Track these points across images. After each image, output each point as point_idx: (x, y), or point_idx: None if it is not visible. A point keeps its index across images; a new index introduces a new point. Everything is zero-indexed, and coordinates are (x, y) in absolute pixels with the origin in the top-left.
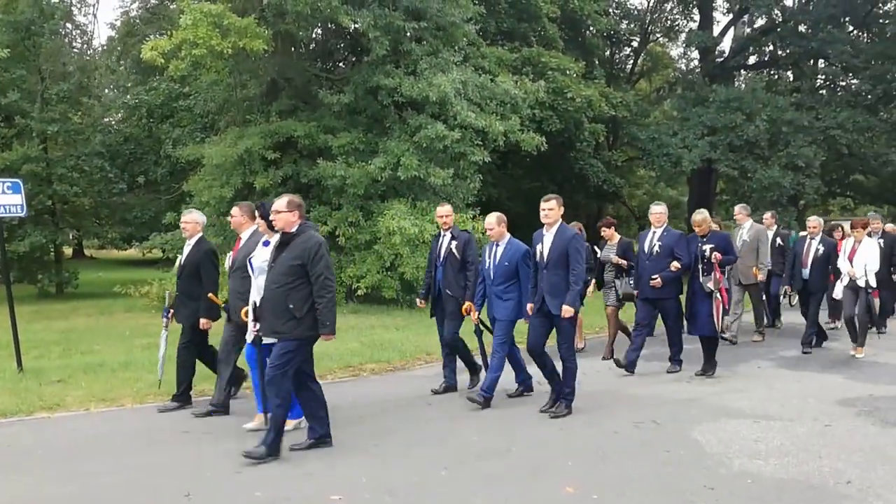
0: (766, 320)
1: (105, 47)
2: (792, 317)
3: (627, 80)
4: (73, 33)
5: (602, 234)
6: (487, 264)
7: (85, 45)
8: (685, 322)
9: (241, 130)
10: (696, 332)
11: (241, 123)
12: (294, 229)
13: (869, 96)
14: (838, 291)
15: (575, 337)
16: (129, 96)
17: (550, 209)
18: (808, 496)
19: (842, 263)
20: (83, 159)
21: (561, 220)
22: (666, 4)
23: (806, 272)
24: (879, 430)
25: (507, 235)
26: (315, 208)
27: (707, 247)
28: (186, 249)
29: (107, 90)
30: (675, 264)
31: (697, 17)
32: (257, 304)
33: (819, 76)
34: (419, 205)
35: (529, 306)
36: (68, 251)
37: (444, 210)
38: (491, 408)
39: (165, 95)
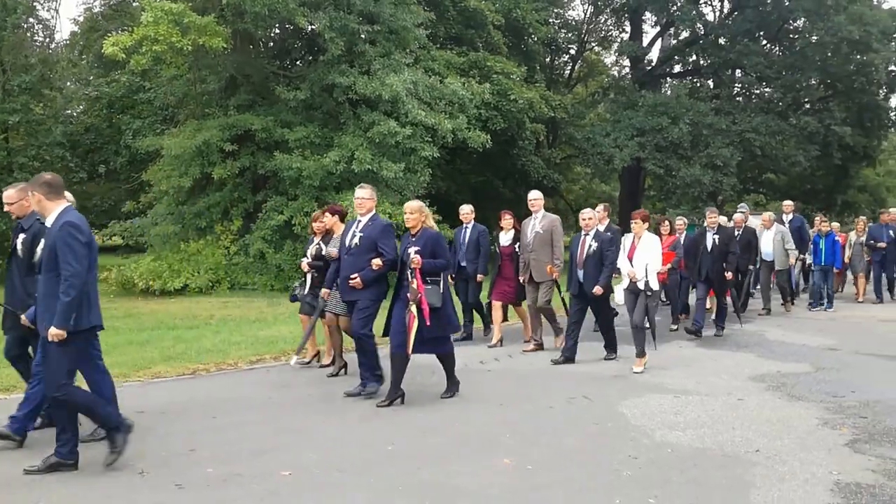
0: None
1: (67, 41)
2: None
3: (566, 84)
4: (36, 27)
5: (325, 226)
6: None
7: (47, 39)
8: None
9: (199, 123)
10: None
11: (199, 116)
12: None
13: (780, 103)
14: (619, 296)
15: (63, 367)
16: (90, 88)
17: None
18: (722, 463)
19: (621, 263)
20: (44, 149)
21: (64, 203)
22: (601, 16)
23: (581, 273)
24: (785, 404)
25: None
26: (272, 198)
27: (412, 248)
28: None
29: (69, 83)
30: (377, 262)
31: (629, 29)
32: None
33: (736, 84)
34: None
35: None
36: None
37: (7, 195)
38: (435, 388)
39: (126, 88)
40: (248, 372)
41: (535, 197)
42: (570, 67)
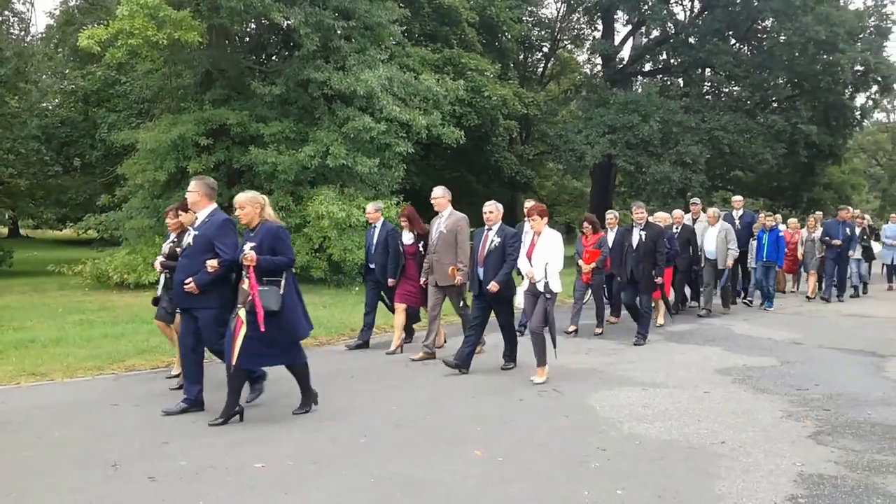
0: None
1: (43, 35)
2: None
3: (539, 81)
4: (12, 20)
5: (179, 222)
6: None
7: (23, 32)
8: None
9: (175, 117)
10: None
11: (175, 110)
12: None
13: (748, 102)
14: (519, 299)
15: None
16: (65, 81)
17: None
18: (688, 455)
19: (521, 262)
20: (19, 142)
21: None
22: (573, 15)
23: (481, 271)
24: (750, 397)
25: None
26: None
27: (248, 245)
28: None
29: (44, 76)
30: (212, 263)
31: (601, 27)
32: None
33: (706, 83)
34: (347, 191)
35: None
36: (3, 231)
37: None
38: (410, 381)
39: (101, 81)
40: (220, 365)
41: (436, 195)
42: (542, 65)
